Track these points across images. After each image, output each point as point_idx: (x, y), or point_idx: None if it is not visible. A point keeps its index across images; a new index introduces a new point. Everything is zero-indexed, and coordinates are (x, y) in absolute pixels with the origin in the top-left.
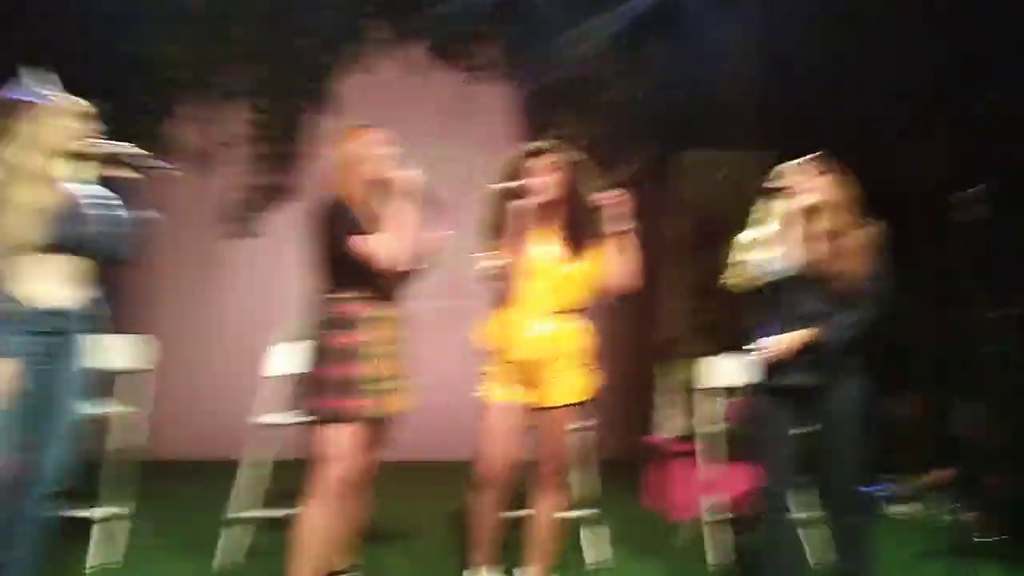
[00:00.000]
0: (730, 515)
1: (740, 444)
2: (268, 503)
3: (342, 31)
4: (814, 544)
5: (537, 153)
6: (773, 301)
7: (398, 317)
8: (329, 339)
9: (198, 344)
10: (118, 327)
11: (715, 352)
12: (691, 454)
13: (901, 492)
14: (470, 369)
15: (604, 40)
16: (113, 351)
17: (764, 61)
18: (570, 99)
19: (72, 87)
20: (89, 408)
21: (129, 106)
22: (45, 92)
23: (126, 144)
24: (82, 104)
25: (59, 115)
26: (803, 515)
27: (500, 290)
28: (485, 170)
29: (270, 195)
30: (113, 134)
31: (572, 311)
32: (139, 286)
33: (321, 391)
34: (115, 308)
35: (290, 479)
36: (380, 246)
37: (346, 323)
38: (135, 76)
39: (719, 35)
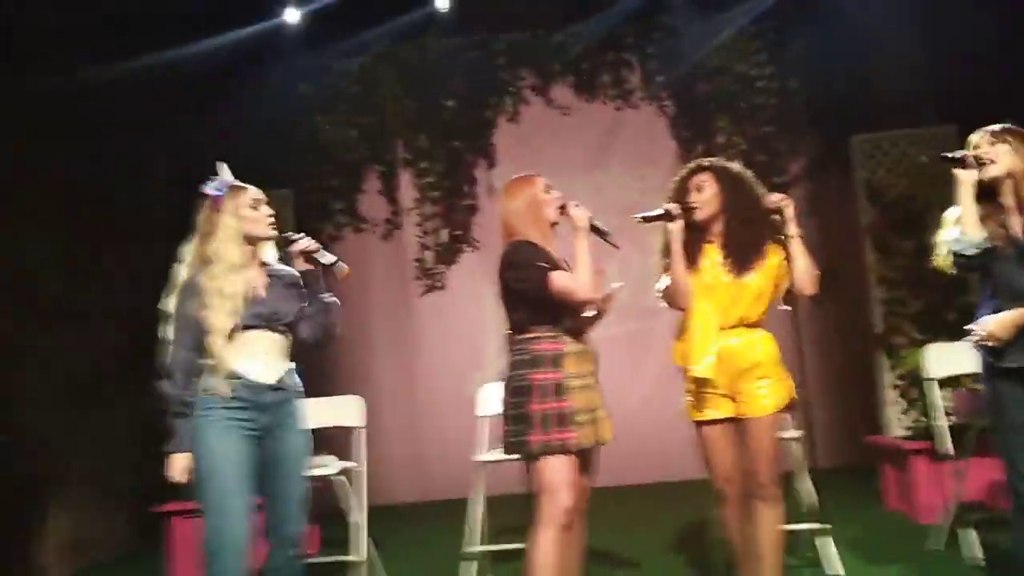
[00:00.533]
0: (980, 513)
1: (980, 435)
2: (494, 538)
3: (489, 86)
4: None
5: (694, 171)
6: (987, 279)
7: (591, 350)
8: (533, 376)
9: (404, 396)
10: (332, 389)
11: (937, 339)
12: (930, 451)
13: None
14: (664, 391)
15: (739, 35)
16: (328, 412)
17: (919, 31)
18: (720, 104)
19: (265, 179)
20: (314, 468)
21: (327, 188)
22: (234, 184)
23: (303, 235)
24: (261, 193)
25: (248, 203)
26: None
27: (677, 311)
28: (647, 192)
29: (450, 249)
30: (317, 215)
31: (751, 323)
32: (346, 350)
33: (532, 426)
34: (328, 370)
35: (511, 513)
36: (577, 283)
37: (548, 360)
38: (323, 161)
39: (863, 14)
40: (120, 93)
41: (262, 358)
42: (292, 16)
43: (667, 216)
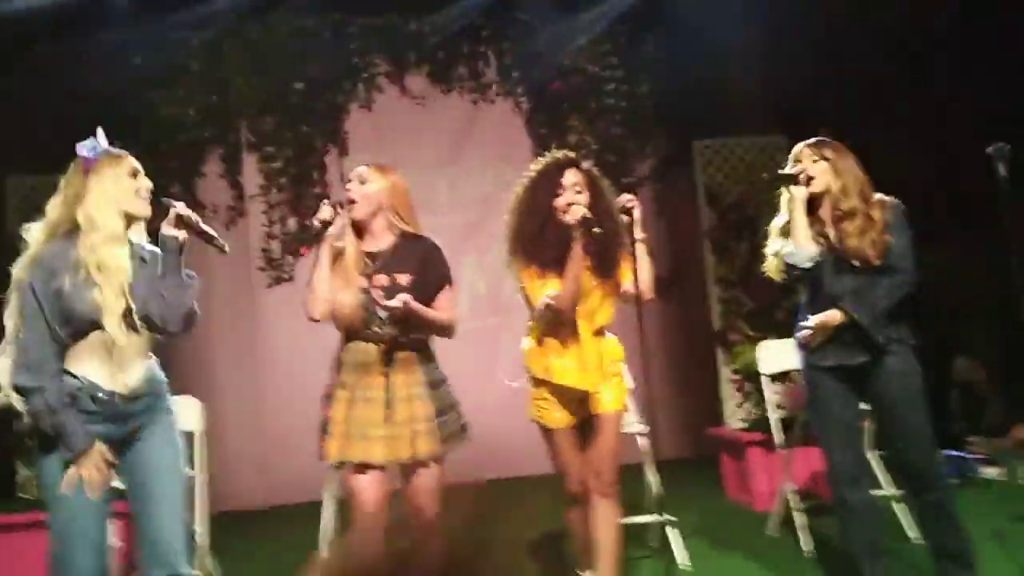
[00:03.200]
0: (810, 500)
1: (805, 427)
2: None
3: (341, 70)
4: (909, 521)
5: (564, 165)
6: (808, 284)
7: (386, 360)
8: (330, 380)
9: (247, 396)
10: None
11: (768, 337)
12: (764, 442)
13: (985, 455)
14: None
15: (593, 36)
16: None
17: (765, 44)
18: (573, 103)
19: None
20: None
21: (163, 169)
22: (110, 149)
23: (181, 204)
24: (139, 164)
25: (128, 172)
26: (885, 492)
27: (544, 316)
28: (502, 186)
29: (297, 240)
30: (152, 197)
31: (603, 327)
32: (183, 345)
33: (319, 431)
34: (163, 368)
35: None
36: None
37: (335, 365)
38: (164, 138)
39: (713, 21)
40: None
41: (128, 356)
42: None
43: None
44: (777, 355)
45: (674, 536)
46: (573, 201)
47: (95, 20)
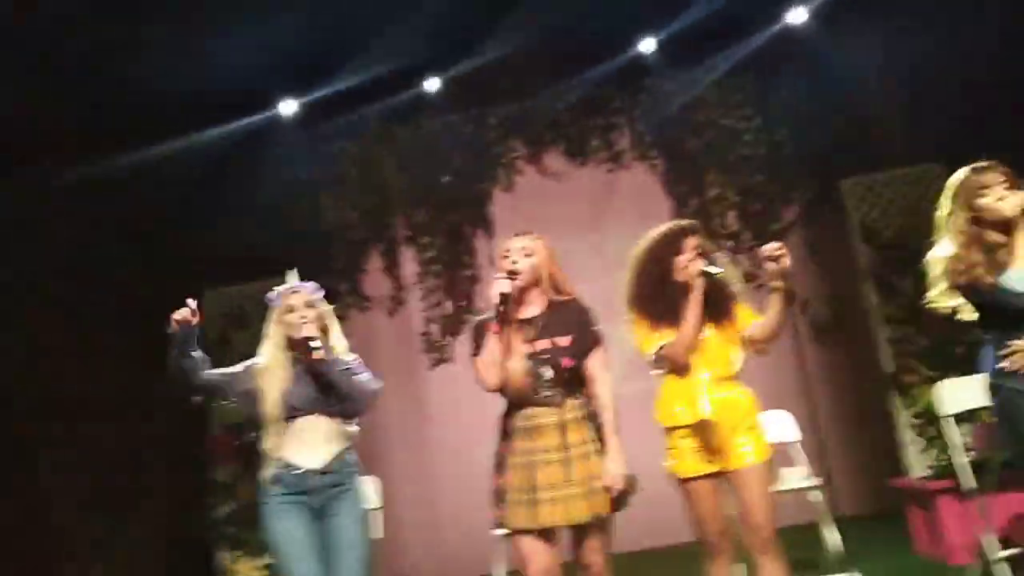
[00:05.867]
0: (1011, 548)
1: (1002, 469)
2: None
3: (482, 159)
4: None
5: (684, 233)
6: (999, 308)
7: (554, 423)
8: (499, 450)
9: (418, 471)
10: None
11: (947, 375)
12: (955, 489)
13: None
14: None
15: (722, 89)
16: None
17: (905, 75)
18: (709, 157)
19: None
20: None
21: (331, 270)
22: (287, 290)
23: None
24: (306, 294)
25: (290, 311)
26: None
27: (659, 364)
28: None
29: (455, 320)
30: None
31: (732, 376)
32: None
33: (493, 500)
34: None
35: None
36: (481, 369)
37: (503, 434)
38: (325, 244)
39: (842, 58)
40: (123, 186)
41: (314, 442)
42: (288, 108)
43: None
44: (959, 393)
45: None
46: (693, 260)
47: (266, 144)
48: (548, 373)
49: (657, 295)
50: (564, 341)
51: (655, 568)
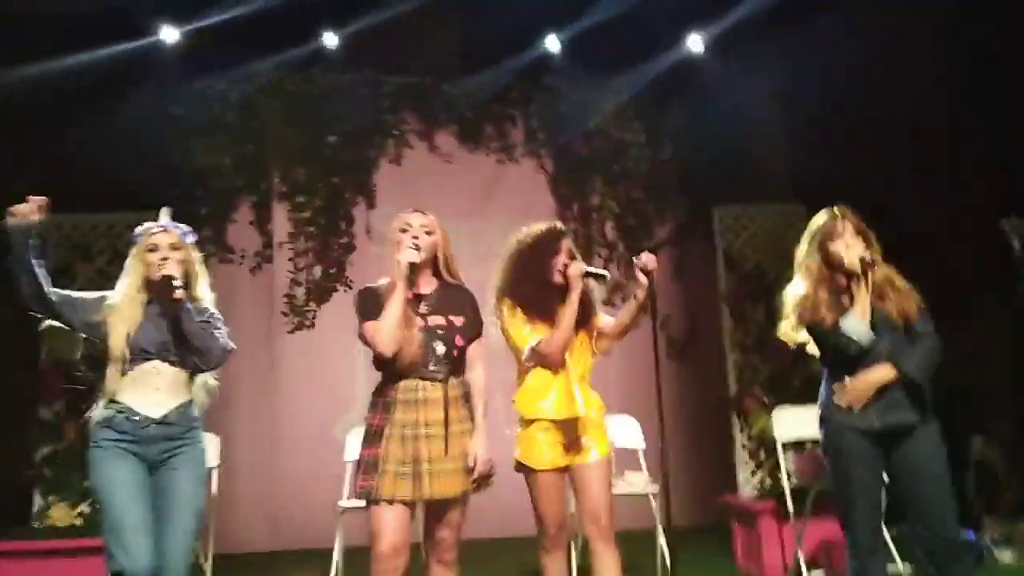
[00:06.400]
0: (819, 571)
1: (818, 497)
2: None
3: (373, 126)
4: None
5: (562, 234)
6: (837, 348)
7: (443, 397)
8: (369, 420)
9: (264, 435)
10: None
11: (783, 404)
12: (775, 511)
13: (1000, 537)
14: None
15: (622, 103)
16: None
17: (785, 116)
18: (596, 166)
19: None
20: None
21: (196, 215)
22: (153, 228)
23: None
24: (174, 235)
25: (152, 250)
26: (900, 568)
27: (532, 360)
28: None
29: (322, 288)
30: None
31: (587, 377)
32: None
33: (357, 471)
34: None
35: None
36: (377, 332)
37: (379, 405)
38: (197, 188)
39: (735, 93)
40: None
41: (151, 391)
42: (169, 35)
43: (602, 278)
44: (793, 423)
45: None
46: (569, 263)
47: (141, 73)
48: (440, 348)
49: (534, 291)
50: (458, 321)
51: (489, 556)
